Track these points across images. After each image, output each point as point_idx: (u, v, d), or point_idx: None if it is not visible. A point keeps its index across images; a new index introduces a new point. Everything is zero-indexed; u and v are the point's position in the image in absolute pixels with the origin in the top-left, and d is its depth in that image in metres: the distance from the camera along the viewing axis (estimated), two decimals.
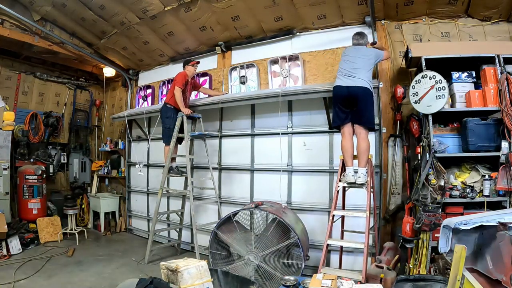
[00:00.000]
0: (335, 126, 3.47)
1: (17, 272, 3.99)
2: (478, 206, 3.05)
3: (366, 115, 3.25)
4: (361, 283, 2.77)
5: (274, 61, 4.72)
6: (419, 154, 3.35)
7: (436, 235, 2.76)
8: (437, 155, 3.13)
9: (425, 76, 3.24)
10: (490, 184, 3.01)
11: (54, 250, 4.98)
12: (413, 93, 3.30)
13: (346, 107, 3.27)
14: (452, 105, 3.31)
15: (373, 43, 3.67)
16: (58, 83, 6.99)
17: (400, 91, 3.79)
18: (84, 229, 5.89)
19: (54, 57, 6.36)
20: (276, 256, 3.49)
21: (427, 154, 3.17)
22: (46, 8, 5.16)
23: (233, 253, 3.73)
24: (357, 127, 3.28)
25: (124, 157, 6.71)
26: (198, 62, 4.74)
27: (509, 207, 2.88)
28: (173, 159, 4.79)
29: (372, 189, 3.28)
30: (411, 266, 3.27)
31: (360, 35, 3.52)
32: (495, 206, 2.98)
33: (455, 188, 3.12)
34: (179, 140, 4.73)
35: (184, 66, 4.68)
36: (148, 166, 6.13)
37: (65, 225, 5.70)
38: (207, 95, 5.14)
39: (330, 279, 2.38)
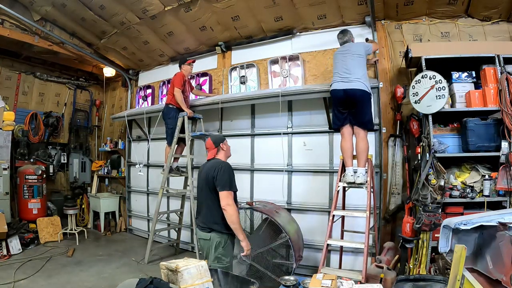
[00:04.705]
0: (335, 128, 3.46)
1: (17, 272, 3.99)
2: (478, 206, 3.04)
3: (364, 116, 3.25)
4: (361, 283, 2.77)
5: (274, 61, 4.72)
6: (419, 154, 3.35)
7: (436, 235, 2.75)
8: (437, 155, 3.13)
9: (425, 76, 3.24)
10: (490, 184, 3.01)
11: (54, 250, 4.98)
12: (413, 93, 3.30)
13: (344, 108, 3.27)
14: (452, 105, 3.30)
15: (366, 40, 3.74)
16: (58, 83, 6.99)
17: (400, 91, 3.79)
18: (84, 229, 5.89)
19: (54, 57, 6.36)
20: (270, 255, 3.49)
21: (427, 154, 3.17)
22: (46, 8, 5.16)
23: None
24: (356, 128, 3.28)
25: (124, 157, 6.71)
26: (194, 61, 4.72)
27: (509, 207, 2.88)
28: (175, 159, 4.78)
29: (372, 189, 3.28)
30: (411, 266, 3.26)
31: (342, 33, 3.53)
32: (495, 206, 2.98)
33: (455, 188, 3.12)
34: (182, 140, 4.72)
35: (180, 66, 4.66)
36: (148, 166, 6.13)
37: (65, 225, 5.70)
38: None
39: (330, 279, 2.37)
